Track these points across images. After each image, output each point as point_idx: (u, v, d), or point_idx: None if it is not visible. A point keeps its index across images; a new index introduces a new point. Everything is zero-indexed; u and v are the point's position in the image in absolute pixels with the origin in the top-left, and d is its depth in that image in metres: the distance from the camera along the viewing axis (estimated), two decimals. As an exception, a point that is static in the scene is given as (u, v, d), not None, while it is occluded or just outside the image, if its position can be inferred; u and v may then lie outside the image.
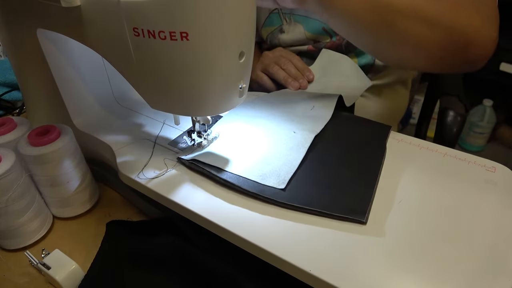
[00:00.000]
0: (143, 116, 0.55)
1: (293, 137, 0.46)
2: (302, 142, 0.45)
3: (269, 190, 0.39)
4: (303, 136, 0.46)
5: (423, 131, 0.88)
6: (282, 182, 0.39)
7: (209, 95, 0.38)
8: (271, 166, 0.42)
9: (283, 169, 0.41)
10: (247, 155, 0.44)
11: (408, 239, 0.34)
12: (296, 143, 0.45)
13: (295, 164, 0.42)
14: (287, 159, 0.43)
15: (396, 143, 0.47)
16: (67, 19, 0.39)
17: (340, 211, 0.36)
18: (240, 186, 0.39)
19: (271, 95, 0.60)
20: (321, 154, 0.44)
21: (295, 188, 0.39)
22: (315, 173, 0.42)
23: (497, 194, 0.39)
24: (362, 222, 0.35)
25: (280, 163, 0.42)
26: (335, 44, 0.71)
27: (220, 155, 0.44)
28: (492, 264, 0.32)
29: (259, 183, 0.39)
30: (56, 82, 0.48)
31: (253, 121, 0.51)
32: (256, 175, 0.40)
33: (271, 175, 0.40)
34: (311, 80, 0.65)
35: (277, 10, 0.75)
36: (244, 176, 0.40)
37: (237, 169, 0.41)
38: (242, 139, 0.47)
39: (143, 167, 0.44)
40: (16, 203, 0.42)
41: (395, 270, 0.32)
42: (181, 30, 0.32)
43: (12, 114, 0.73)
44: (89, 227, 0.48)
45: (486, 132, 1.60)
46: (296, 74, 0.65)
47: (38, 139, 0.43)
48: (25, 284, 0.41)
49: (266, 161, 0.43)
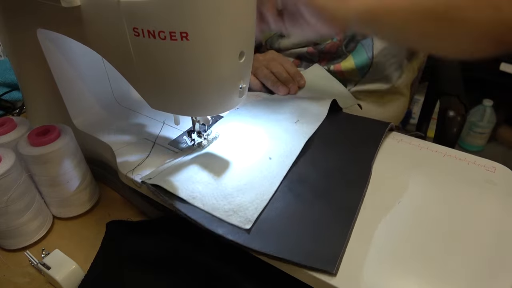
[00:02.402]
0: (143, 116, 0.55)
1: (268, 165, 0.42)
2: (277, 171, 0.41)
3: (232, 231, 0.35)
4: (278, 165, 0.42)
5: (423, 131, 0.88)
6: (249, 221, 0.35)
7: (209, 95, 0.38)
8: (240, 198, 0.38)
9: (252, 203, 0.37)
10: (227, 176, 0.41)
11: (408, 240, 0.34)
12: (270, 172, 0.41)
13: (266, 198, 0.38)
14: (259, 191, 0.39)
15: (396, 143, 0.47)
16: (67, 19, 0.39)
17: (307, 260, 0.32)
18: (202, 225, 0.36)
19: (261, 100, 0.58)
20: (296, 184, 0.40)
21: (262, 227, 0.35)
22: (286, 208, 0.38)
23: (497, 194, 0.39)
24: (332, 274, 0.31)
25: (252, 195, 0.38)
26: (336, 45, 0.71)
27: (189, 178, 0.40)
28: (492, 264, 0.32)
29: (224, 221, 0.36)
30: (56, 82, 0.48)
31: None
32: (223, 209, 0.37)
33: (239, 210, 0.37)
34: (302, 86, 0.63)
35: None
36: (209, 212, 0.37)
37: (206, 199, 0.38)
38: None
39: (137, 165, 0.44)
40: (16, 203, 0.42)
41: (395, 270, 0.32)
42: (181, 30, 0.32)
43: (12, 114, 0.73)
44: (89, 227, 0.48)
45: (486, 132, 1.60)
46: (286, 78, 0.62)
47: (38, 139, 0.43)
48: (25, 284, 0.41)
49: (237, 190, 0.39)
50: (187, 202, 0.38)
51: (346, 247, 0.33)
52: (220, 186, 0.39)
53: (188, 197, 0.38)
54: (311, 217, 0.36)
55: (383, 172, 0.42)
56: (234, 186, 0.39)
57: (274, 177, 0.41)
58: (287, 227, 0.35)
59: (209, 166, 0.42)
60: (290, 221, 0.36)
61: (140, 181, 0.41)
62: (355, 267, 0.32)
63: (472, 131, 1.60)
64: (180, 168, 0.42)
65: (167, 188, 0.39)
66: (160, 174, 0.41)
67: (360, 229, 0.35)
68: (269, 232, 0.35)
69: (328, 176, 0.42)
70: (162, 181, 0.39)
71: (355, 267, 0.32)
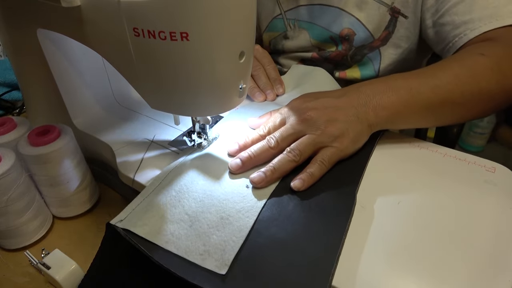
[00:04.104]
0: (143, 116, 0.55)
1: (244, 196, 0.38)
2: (254, 202, 0.38)
3: (208, 278, 0.31)
4: (255, 195, 0.39)
5: (423, 131, 0.88)
6: (224, 265, 0.32)
7: (209, 95, 0.38)
8: (216, 237, 0.34)
9: (228, 242, 0.34)
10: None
11: (408, 240, 0.34)
12: (246, 202, 0.38)
13: (243, 235, 0.34)
14: (236, 226, 0.35)
15: (396, 143, 0.47)
16: (67, 19, 0.39)
17: None
18: (176, 274, 0.32)
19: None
20: (275, 214, 0.37)
21: (239, 269, 0.32)
22: (267, 243, 0.34)
23: (496, 195, 0.39)
24: None
25: (227, 233, 0.35)
26: (341, 54, 0.70)
27: (159, 226, 0.36)
28: (492, 264, 0.32)
29: (199, 266, 0.33)
30: (56, 82, 0.48)
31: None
32: (197, 252, 0.33)
33: (214, 252, 0.33)
34: (280, 94, 0.59)
35: (281, 15, 0.74)
36: (183, 256, 0.33)
37: (180, 242, 0.34)
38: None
39: (138, 167, 0.44)
40: (16, 203, 0.42)
41: (395, 270, 0.32)
42: (181, 30, 0.32)
43: (12, 114, 0.73)
44: (89, 227, 0.48)
45: (486, 132, 1.60)
46: (265, 84, 0.58)
47: (38, 139, 0.43)
48: (25, 284, 0.41)
49: (213, 227, 0.35)
50: (160, 247, 0.35)
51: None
52: (194, 223, 0.36)
53: (160, 241, 0.35)
54: (291, 260, 0.33)
55: (383, 172, 0.42)
56: (209, 222, 0.36)
57: (252, 208, 0.37)
58: (268, 267, 0.32)
59: (185, 196, 0.39)
60: (270, 259, 0.33)
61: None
62: (355, 267, 0.32)
63: (472, 131, 1.60)
64: (153, 204, 0.38)
65: (137, 233, 0.35)
66: (132, 214, 0.37)
67: (360, 230, 0.35)
68: (247, 275, 0.32)
69: (308, 206, 0.38)
70: (132, 224, 0.36)
71: (355, 267, 0.32)
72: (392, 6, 0.63)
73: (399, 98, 0.44)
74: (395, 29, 0.65)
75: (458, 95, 0.45)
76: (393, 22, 0.64)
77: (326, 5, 0.67)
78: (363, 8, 0.65)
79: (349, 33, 0.67)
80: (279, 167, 0.41)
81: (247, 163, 0.42)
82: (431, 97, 0.44)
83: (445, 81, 0.45)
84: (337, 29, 0.68)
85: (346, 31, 0.67)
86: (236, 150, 0.44)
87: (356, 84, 0.47)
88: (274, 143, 0.42)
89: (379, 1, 0.63)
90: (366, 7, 0.65)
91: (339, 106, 0.44)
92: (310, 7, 0.70)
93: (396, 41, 0.66)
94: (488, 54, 0.47)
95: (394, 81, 0.46)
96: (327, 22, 0.69)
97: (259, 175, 0.40)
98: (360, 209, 0.37)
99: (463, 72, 0.46)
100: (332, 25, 0.68)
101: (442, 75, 0.45)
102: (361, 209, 0.37)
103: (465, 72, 0.46)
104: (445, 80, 0.45)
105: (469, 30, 0.53)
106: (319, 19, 0.69)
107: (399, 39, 0.66)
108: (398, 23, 0.64)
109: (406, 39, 0.66)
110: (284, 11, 0.73)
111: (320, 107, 0.44)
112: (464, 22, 0.54)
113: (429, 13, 0.60)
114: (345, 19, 0.66)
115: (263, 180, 0.40)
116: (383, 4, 0.63)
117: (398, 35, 0.65)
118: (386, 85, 0.45)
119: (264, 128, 0.46)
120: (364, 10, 0.65)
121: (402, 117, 0.45)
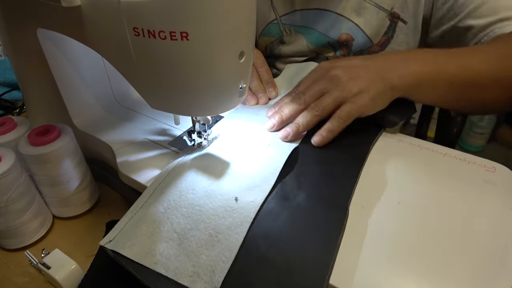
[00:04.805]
0: (143, 116, 0.55)
1: (234, 209, 0.37)
2: (243, 217, 0.36)
3: None
4: (245, 209, 0.36)
5: (423, 131, 0.88)
6: (214, 287, 0.31)
7: (209, 95, 0.38)
8: (205, 257, 0.33)
9: (218, 262, 0.33)
10: None
11: (408, 240, 0.34)
12: (235, 218, 0.36)
13: (232, 255, 0.33)
14: (225, 245, 0.34)
15: (396, 143, 0.47)
16: (67, 19, 0.39)
17: None
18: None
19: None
20: (265, 233, 0.35)
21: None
22: (257, 260, 0.33)
23: (496, 194, 0.39)
24: None
25: (217, 251, 0.33)
26: None
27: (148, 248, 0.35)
28: (492, 264, 0.32)
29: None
30: (56, 82, 0.48)
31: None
32: (187, 274, 0.33)
33: (203, 273, 0.32)
34: (272, 97, 0.57)
35: (276, 20, 0.73)
36: (173, 278, 0.33)
37: (169, 263, 0.34)
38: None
39: (142, 167, 0.44)
40: (16, 203, 0.42)
41: (395, 270, 0.32)
42: (181, 30, 0.32)
43: (12, 114, 0.73)
44: (89, 227, 0.48)
45: (486, 132, 1.60)
46: (257, 87, 0.57)
47: (38, 139, 0.43)
48: (25, 284, 0.41)
49: (201, 246, 0.34)
50: (149, 268, 0.34)
51: None
52: (183, 242, 0.35)
53: (150, 262, 0.34)
54: (282, 277, 0.32)
55: (382, 172, 0.42)
56: (198, 240, 0.35)
57: (241, 224, 0.35)
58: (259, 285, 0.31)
59: (173, 213, 0.38)
60: (260, 282, 0.32)
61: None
62: (355, 267, 0.32)
63: (472, 131, 1.60)
64: (142, 221, 0.37)
65: (126, 255, 0.35)
66: (121, 234, 0.37)
67: (360, 230, 0.35)
68: None
69: (300, 218, 0.36)
70: (121, 246, 0.35)
71: (354, 267, 0.32)
72: (391, 12, 0.63)
73: (425, 68, 0.45)
74: (394, 34, 0.65)
75: (485, 78, 0.45)
76: (392, 28, 0.64)
77: (323, 9, 0.67)
78: (362, 13, 0.64)
79: (347, 39, 0.67)
80: (302, 122, 0.45)
81: (280, 123, 0.47)
82: (457, 74, 0.45)
83: (473, 61, 0.46)
84: (335, 35, 0.67)
85: (344, 36, 0.67)
86: (272, 113, 0.49)
87: (383, 52, 0.48)
88: (302, 101, 0.47)
89: (378, 6, 0.63)
90: (365, 12, 0.64)
91: (365, 66, 0.46)
92: (306, 12, 0.69)
93: (395, 47, 0.66)
94: None
95: (424, 53, 0.48)
96: (324, 28, 0.68)
97: (285, 130, 0.45)
98: (360, 209, 0.37)
99: (493, 57, 0.46)
100: (330, 30, 0.68)
101: (471, 56, 0.47)
102: (361, 209, 0.37)
103: (494, 58, 0.46)
104: (473, 61, 0.46)
105: (498, 29, 0.53)
106: (316, 24, 0.69)
107: (398, 45, 0.66)
108: (398, 29, 0.64)
109: (406, 45, 0.65)
110: (279, 16, 0.72)
111: (346, 66, 0.46)
112: (491, 23, 0.54)
113: (446, 18, 0.59)
114: (343, 24, 0.66)
115: (288, 135, 0.45)
116: (382, 9, 0.63)
117: (397, 40, 0.65)
118: (416, 55, 0.48)
119: (295, 90, 0.49)
120: (362, 15, 0.64)
121: (424, 87, 0.46)
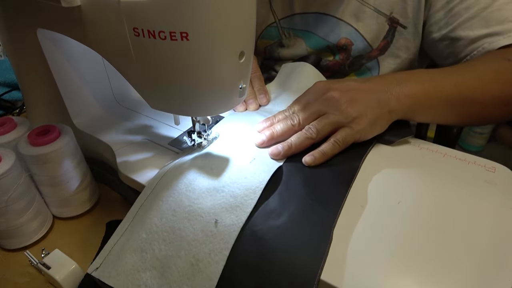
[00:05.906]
0: (143, 116, 0.55)
1: (212, 234, 0.35)
2: (223, 243, 0.34)
3: None
4: (225, 234, 0.35)
5: (423, 131, 0.88)
6: None
7: (209, 95, 0.38)
8: (188, 287, 0.33)
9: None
10: None
11: (408, 240, 0.34)
12: (216, 243, 0.34)
13: (212, 284, 0.32)
14: (206, 274, 0.33)
15: (396, 143, 0.47)
16: (67, 19, 0.39)
17: None
18: None
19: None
20: (246, 261, 0.34)
21: None
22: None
23: (497, 194, 0.39)
24: None
25: (198, 282, 0.33)
26: (338, 64, 0.70)
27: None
28: (492, 264, 0.32)
29: None
30: (56, 82, 0.48)
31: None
32: None
33: None
34: (263, 104, 0.55)
35: (275, 23, 0.73)
36: None
37: None
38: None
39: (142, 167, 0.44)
40: (16, 203, 0.42)
41: (395, 270, 0.32)
42: (181, 30, 0.32)
43: (12, 114, 0.73)
44: (89, 227, 0.48)
45: (486, 132, 1.60)
46: (247, 94, 0.54)
47: (38, 139, 0.43)
48: (25, 284, 0.41)
49: (183, 275, 0.34)
50: None
51: None
52: (165, 271, 0.35)
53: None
54: None
55: (382, 172, 0.42)
56: (179, 268, 0.34)
57: (221, 251, 0.34)
58: None
59: (154, 238, 0.37)
60: None
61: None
62: (355, 267, 0.32)
63: (472, 131, 1.60)
64: (126, 248, 0.37)
65: (112, 285, 0.35)
66: (106, 261, 0.37)
67: (359, 229, 0.35)
68: None
69: (280, 245, 0.34)
70: (107, 275, 0.36)
71: (354, 267, 0.32)
72: (390, 16, 0.63)
73: (423, 89, 0.45)
74: (394, 39, 0.64)
75: (480, 94, 0.46)
76: (391, 32, 0.64)
77: (322, 13, 0.67)
78: (361, 18, 0.64)
79: (346, 43, 0.67)
80: (295, 143, 0.43)
81: (270, 140, 0.45)
82: (454, 92, 0.45)
83: (469, 79, 0.46)
84: (334, 39, 0.67)
85: (343, 41, 0.67)
86: (263, 128, 0.48)
87: (381, 74, 0.47)
88: (296, 122, 0.45)
89: (377, 11, 0.63)
90: (364, 17, 0.64)
91: (362, 89, 0.45)
92: (305, 16, 0.69)
93: (395, 51, 0.66)
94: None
95: (418, 73, 0.48)
96: (324, 32, 0.68)
97: (276, 148, 0.43)
98: (359, 209, 0.37)
99: (488, 73, 0.47)
100: (329, 34, 0.67)
101: (466, 73, 0.47)
102: (361, 209, 0.37)
103: (489, 74, 0.47)
104: (469, 78, 0.46)
105: (487, 44, 0.53)
106: (315, 28, 0.69)
107: (398, 49, 0.65)
108: (397, 33, 0.64)
109: (406, 49, 0.65)
110: (278, 20, 0.72)
111: (343, 89, 0.45)
112: (480, 36, 0.54)
113: (437, 26, 0.59)
114: (342, 29, 0.66)
115: (279, 154, 0.43)
116: (382, 14, 0.63)
117: (397, 45, 0.65)
118: (411, 75, 0.47)
119: (289, 109, 0.48)
120: (362, 20, 0.64)
121: (423, 108, 0.46)
